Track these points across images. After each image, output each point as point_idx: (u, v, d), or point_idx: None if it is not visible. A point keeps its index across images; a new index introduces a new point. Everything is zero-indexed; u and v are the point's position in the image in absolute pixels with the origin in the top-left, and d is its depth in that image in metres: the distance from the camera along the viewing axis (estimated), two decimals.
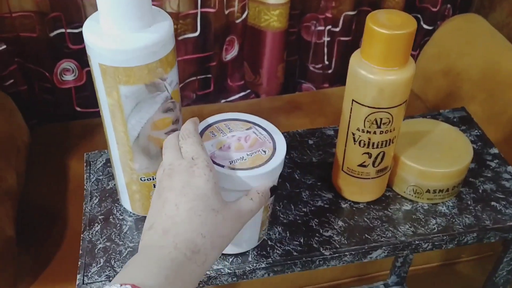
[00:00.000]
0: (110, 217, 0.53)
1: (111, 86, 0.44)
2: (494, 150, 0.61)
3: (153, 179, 0.50)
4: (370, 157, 0.51)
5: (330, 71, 1.28)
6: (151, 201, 0.40)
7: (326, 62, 1.27)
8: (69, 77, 1.13)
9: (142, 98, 0.45)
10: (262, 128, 0.47)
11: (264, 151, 0.45)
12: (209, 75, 1.22)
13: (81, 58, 1.11)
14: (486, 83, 1.10)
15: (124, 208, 0.54)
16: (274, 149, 0.45)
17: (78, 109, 1.18)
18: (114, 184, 0.56)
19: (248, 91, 1.29)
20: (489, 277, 0.61)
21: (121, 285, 0.32)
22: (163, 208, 0.38)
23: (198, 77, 1.21)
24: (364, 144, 0.50)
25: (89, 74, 1.13)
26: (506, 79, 1.07)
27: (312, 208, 0.55)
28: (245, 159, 0.44)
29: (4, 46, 1.05)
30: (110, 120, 0.46)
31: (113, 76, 0.43)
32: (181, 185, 0.38)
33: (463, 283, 1.10)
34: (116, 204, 0.55)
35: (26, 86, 1.13)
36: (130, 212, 0.54)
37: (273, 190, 0.44)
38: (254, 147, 0.45)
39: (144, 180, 0.50)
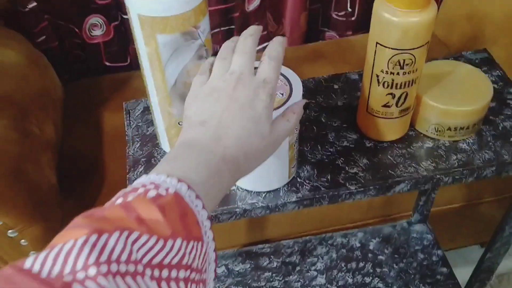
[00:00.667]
0: (152, 159, 0.58)
1: (149, 35, 0.47)
2: None
3: None
4: (393, 97, 0.54)
5: (353, 18, 1.28)
6: (203, 93, 0.41)
7: (349, 9, 1.27)
8: (97, 32, 1.16)
9: (178, 46, 0.48)
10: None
11: (282, 94, 0.48)
12: (233, 27, 1.24)
13: (108, 13, 1.14)
14: (510, 27, 1.09)
15: (164, 151, 0.59)
16: (291, 91, 0.49)
17: (107, 63, 1.22)
18: (153, 130, 0.60)
19: None
20: (509, 210, 0.64)
21: (167, 176, 0.35)
22: (220, 113, 0.40)
23: (222, 29, 1.23)
24: (388, 85, 0.53)
25: (116, 29, 1.16)
26: None
27: (338, 148, 0.58)
28: None
29: (35, 4, 1.08)
30: (149, 69, 0.50)
31: (151, 25, 0.46)
32: (243, 101, 0.40)
33: (485, 223, 1.13)
34: (156, 148, 0.59)
35: (57, 42, 1.17)
36: None
37: (306, 107, 0.46)
38: None
39: (181, 124, 0.53)
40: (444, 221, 1.09)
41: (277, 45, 0.43)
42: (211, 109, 0.40)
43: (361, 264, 0.85)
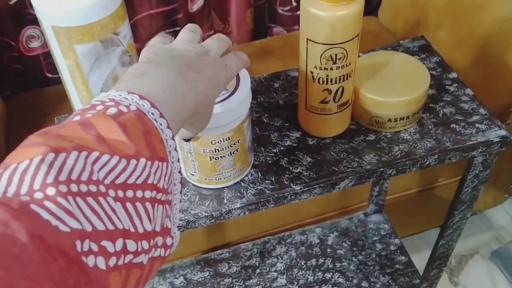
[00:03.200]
0: None
1: (66, 47, 0.45)
2: (453, 75, 0.63)
3: None
4: (330, 93, 0.53)
5: (299, 13, 1.27)
6: (166, 48, 0.40)
7: (294, 4, 1.26)
8: (35, 43, 1.11)
9: (99, 54, 0.45)
10: None
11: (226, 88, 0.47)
12: (177, 28, 1.21)
13: None
14: (452, 9, 1.11)
15: None
16: (238, 82, 0.48)
17: (48, 75, 1.17)
18: None
19: None
20: (456, 195, 0.64)
21: (128, 93, 0.33)
22: (188, 59, 0.39)
23: (166, 31, 1.20)
24: (323, 81, 0.52)
25: None
26: (470, 3, 1.08)
27: (281, 148, 0.57)
28: None
29: None
30: (71, 81, 0.47)
31: (67, 36, 0.44)
32: (210, 62, 0.40)
33: (442, 206, 1.15)
34: None
35: None
36: None
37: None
38: None
39: None
40: (402, 208, 1.10)
41: (244, 55, 0.46)
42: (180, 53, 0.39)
43: (320, 260, 0.85)
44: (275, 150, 0.57)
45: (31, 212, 0.24)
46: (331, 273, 0.83)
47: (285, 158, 0.56)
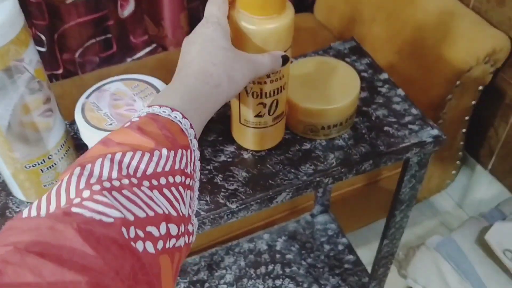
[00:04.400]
0: (7, 211, 0.51)
1: None
2: (384, 76, 0.63)
3: (38, 164, 0.48)
4: (264, 106, 0.51)
5: None
6: None
7: None
8: None
9: (3, 84, 0.42)
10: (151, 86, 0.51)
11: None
12: (109, 35, 1.16)
13: None
14: (384, 4, 1.12)
15: (20, 200, 0.52)
16: None
17: None
18: None
19: (154, 45, 1.25)
20: (395, 196, 0.64)
21: (148, 107, 0.37)
22: (180, 58, 0.43)
23: (98, 39, 1.15)
24: (257, 95, 0.50)
25: None
26: None
27: (216, 165, 0.55)
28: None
29: None
30: None
31: None
32: (194, 36, 0.43)
33: (389, 197, 1.16)
34: (11, 197, 0.52)
35: None
36: (26, 202, 0.51)
37: (284, 59, 0.46)
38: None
39: (29, 167, 0.47)
40: (349, 203, 1.10)
41: None
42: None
43: (270, 267, 0.84)
44: (209, 167, 0.55)
45: (74, 214, 0.27)
46: (281, 280, 0.82)
47: (220, 175, 0.54)
